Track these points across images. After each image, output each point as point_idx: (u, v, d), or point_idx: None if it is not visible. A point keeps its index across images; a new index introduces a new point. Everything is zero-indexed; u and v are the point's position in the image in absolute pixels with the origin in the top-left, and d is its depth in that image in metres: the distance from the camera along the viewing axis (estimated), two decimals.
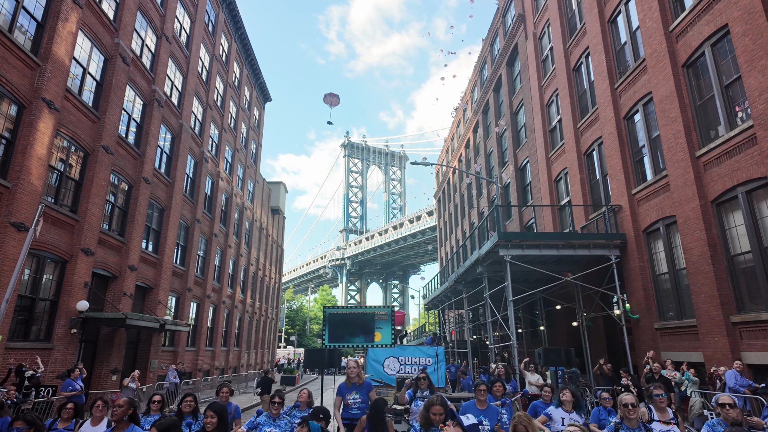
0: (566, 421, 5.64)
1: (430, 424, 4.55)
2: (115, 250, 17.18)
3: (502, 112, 29.85)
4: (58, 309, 14.03)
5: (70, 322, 14.19)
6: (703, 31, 12.52)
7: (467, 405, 6.09)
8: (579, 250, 15.66)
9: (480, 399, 5.98)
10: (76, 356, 14.77)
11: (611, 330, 17.21)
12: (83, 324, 14.74)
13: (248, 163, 36.51)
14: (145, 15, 19.55)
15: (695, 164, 12.60)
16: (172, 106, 22.15)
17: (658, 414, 5.29)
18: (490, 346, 18.70)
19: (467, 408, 6.02)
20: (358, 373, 7.20)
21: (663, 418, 5.23)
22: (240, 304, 33.67)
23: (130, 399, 4.75)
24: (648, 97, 14.86)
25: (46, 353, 13.38)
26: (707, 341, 11.98)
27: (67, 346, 14.20)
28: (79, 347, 14.99)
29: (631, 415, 4.61)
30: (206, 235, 26.90)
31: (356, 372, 7.16)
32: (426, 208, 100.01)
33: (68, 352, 14.21)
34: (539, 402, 6.81)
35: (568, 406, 5.87)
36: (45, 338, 13.67)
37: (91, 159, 15.60)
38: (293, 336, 67.80)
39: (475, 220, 35.78)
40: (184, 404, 5.86)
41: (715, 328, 11.73)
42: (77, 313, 14.43)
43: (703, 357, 12.16)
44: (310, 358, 13.00)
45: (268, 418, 5.89)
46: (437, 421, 4.52)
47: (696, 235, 12.41)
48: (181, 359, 22.36)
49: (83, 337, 15.10)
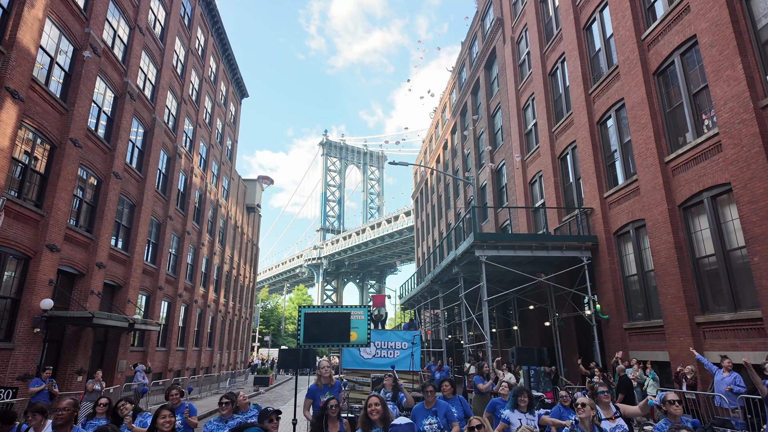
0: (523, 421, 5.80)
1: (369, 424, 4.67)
2: (83, 246, 16.78)
3: (479, 115, 30.22)
4: (20, 307, 13.57)
5: (33, 321, 13.75)
6: (673, 40, 12.94)
7: (416, 409, 6.09)
8: (552, 251, 15.96)
9: (428, 400, 6.04)
10: (39, 357, 14.34)
11: (582, 330, 17.58)
12: (47, 323, 14.28)
13: (223, 159, 36.07)
14: (118, 5, 19.15)
15: (664, 169, 13.00)
16: (145, 100, 21.77)
17: (603, 412, 5.48)
18: (465, 346, 18.91)
19: (416, 412, 6.02)
20: (331, 374, 7.23)
21: (607, 414, 5.43)
22: (213, 304, 33.24)
23: (74, 401, 4.74)
24: (620, 104, 15.26)
25: (6, 354, 12.94)
26: (673, 341, 12.36)
27: (30, 346, 13.73)
28: (42, 347, 14.54)
29: (581, 414, 4.78)
30: (179, 233, 26.49)
31: (329, 373, 7.19)
32: (404, 209, 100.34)
33: (30, 353, 13.75)
34: (498, 399, 7.01)
35: (524, 408, 6.01)
36: (5, 338, 13.20)
37: (58, 152, 15.20)
38: (267, 336, 67.29)
39: (452, 221, 36.09)
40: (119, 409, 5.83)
41: (681, 328, 12.11)
42: (41, 312, 13.98)
43: (669, 356, 12.55)
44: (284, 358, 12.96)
45: (219, 420, 5.86)
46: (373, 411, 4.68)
47: (664, 238, 12.80)
48: (151, 359, 21.99)
49: (47, 337, 14.65)
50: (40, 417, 4.95)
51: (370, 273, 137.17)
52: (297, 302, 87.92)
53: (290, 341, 72.48)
